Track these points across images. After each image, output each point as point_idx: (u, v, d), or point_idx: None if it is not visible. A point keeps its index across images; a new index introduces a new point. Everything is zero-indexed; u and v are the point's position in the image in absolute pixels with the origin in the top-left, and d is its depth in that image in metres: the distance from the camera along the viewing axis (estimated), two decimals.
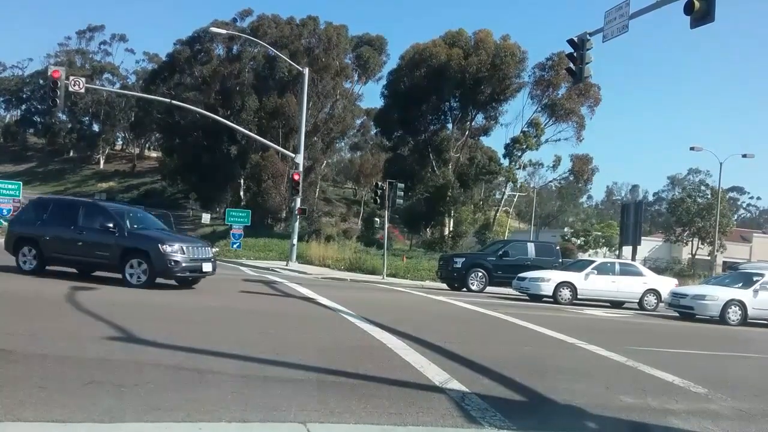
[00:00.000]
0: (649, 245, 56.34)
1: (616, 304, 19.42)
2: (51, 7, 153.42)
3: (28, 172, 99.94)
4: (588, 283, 18.70)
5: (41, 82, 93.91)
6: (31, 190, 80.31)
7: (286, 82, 59.30)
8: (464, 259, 22.11)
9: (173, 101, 34.68)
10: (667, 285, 19.44)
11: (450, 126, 53.92)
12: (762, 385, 7.97)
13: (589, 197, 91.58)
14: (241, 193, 64.93)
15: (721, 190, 47.59)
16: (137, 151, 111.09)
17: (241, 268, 24.58)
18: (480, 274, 21.07)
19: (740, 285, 16.89)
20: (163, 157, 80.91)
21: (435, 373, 6.44)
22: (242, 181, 64.61)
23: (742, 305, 16.15)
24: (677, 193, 68.09)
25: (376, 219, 55.17)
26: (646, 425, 5.33)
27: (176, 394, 4.94)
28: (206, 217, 61.12)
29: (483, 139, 57.20)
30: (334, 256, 29.23)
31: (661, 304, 18.83)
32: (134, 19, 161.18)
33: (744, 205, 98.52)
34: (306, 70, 29.55)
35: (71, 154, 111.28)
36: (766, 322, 16.52)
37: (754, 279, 16.93)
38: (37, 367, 5.44)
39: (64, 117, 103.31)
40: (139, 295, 11.43)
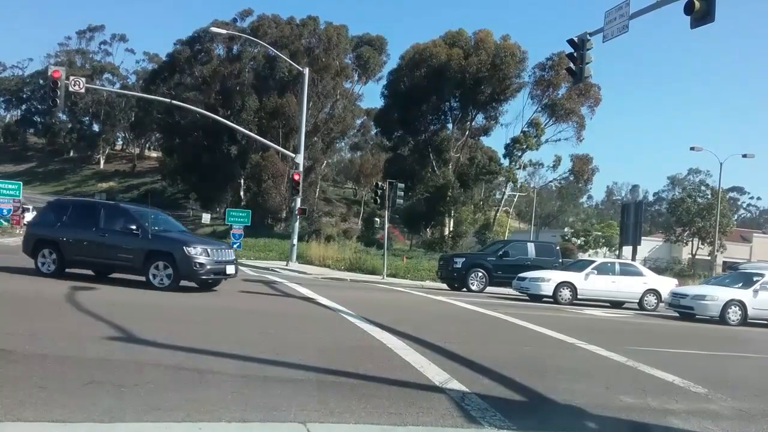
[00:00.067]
0: (649, 245, 56.34)
1: (616, 304, 19.41)
2: (51, 7, 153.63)
3: (28, 172, 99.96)
4: (588, 283, 18.70)
5: (41, 82, 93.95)
6: (31, 190, 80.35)
7: (286, 82, 59.33)
8: (464, 259, 22.11)
9: (173, 101, 34.68)
10: (667, 285, 19.43)
11: (450, 126, 53.95)
12: (762, 385, 7.97)
13: (589, 197, 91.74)
14: (241, 193, 64.95)
15: (721, 190, 47.60)
16: (137, 151, 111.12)
17: (241, 268, 24.48)
18: (480, 274, 21.07)
19: (740, 285, 16.88)
20: (163, 157, 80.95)
21: (435, 373, 6.44)
22: (242, 181, 64.64)
23: (742, 305, 16.14)
24: (677, 193, 68.08)
25: (376, 219, 55.17)
26: (646, 425, 5.33)
27: (176, 394, 4.94)
28: (206, 217, 61.17)
29: (483, 139, 57.33)
30: (334, 256, 29.22)
31: (661, 304, 18.82)
32: (134, 19, 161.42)
33: (744, 205, 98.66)
34: (306, 70, 29.54)
35: (71, 154, 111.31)
36: (766, 322, 16.51)
37: (754, 279, 16.92)
38: (37, 367, 5.44)
39: (64, 117, 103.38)
40: (139, 296, 11.45)
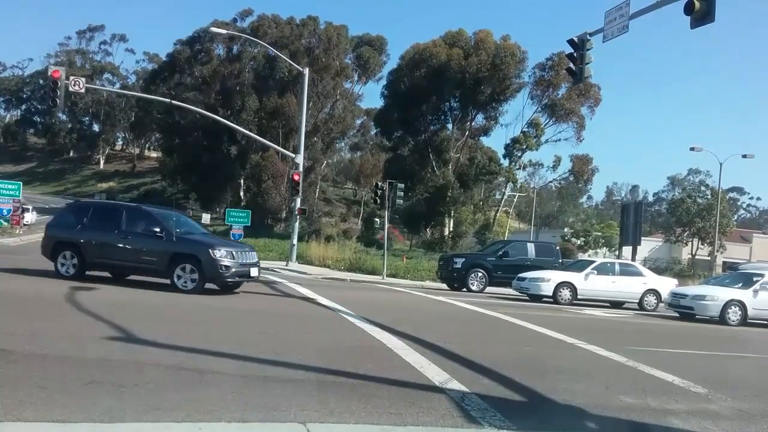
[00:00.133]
0: (649, 245, 56.30)
1: (616, 305, 19.40)
2: (51, 7, 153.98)
3: (28, 172, 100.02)
4: (588, 283, 18.69)
5: (41, 82, 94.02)
6: (31, 190, 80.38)
7: (286, 82, 59.36)
8: (464, 259, 22.11)
9: (173, 101, 34.68)
10: (667, 285, 19.42)
11: (450, 126, 53.98)
12: (762, 385, 7.97)
13: (589, 197, 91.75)
14: (241, 193, 64.98)
15: (721, 190, 47.56)
16: (137, 151, 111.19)
17: None
18: (480, 274, 21.07)
19: (740, 285, 16.87)
20: (163, 157, 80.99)
21: (435, 373, 6.43)
22: (242, 181, 64.66)
23: (742, 305, 16.13)
24: (677, 194, 68.03)
25: (376, 219, 55.19)
26: (646, 425, 5.33)
27: (176, 394, 4.94)
28: (206, 218, 61.04)
29: (483, 139, 57.39)
30: (334, 257, 29.22)
31: (661, 305, 18.81)
32: (134, 19, 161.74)
33: (744, 205, 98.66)
34: (306, 70, 29.53)
35: (71, 154, 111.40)
36: (766, 322, 16.52)
37: (754, 279, 16.91)
38: (37, 367, 5.44)
39: (64, 117, 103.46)
40: (140, 296, 11.45)
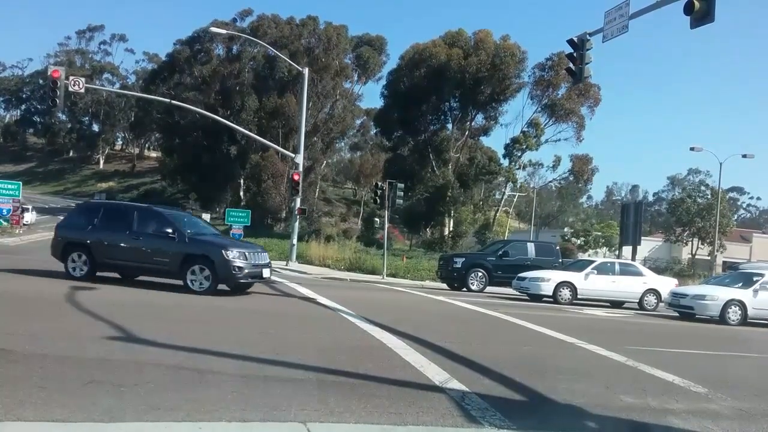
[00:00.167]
0: (649, 245, 56.32)
1: (616, 304, 19.41)
2: (51, 7, 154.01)
3: (28, 172, 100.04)
4: (588, 283, 18.69)
5: (41, 82, 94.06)
6: (31, 190, 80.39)
7: (286, 82, 59.34)
8: (464, 259, 22.11)
9: (173, 101, 34.69)
10: (667, 285, 19.42)
11: (450, 126, 53.98)
12: (762, 385, 7.97)
13: (589, 197, 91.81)
14: (241, 193, 64.96)
15: (721, 190, 47.57)
16: (137, 151, 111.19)
17: None
18: (480, 274, 21.07)
19: (740, 285, 16.87)
20: (163, 157, 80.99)
21: (435, 372, 6.44)
22: (242, 181, 64.64)
23: (742, 305, 16.13)
24: (677, 194, 68.04)
25: (376, 219, 55.17)
26: (646, 425, 5.33)
27: (176, 393, 4.94)
28: (206, 217, 60.89)
29: (483, 139, 57.40)
30: (334, 256, 29.22)
31: (661, 304, 18.81)
32: (134, 19, 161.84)
33: (744, 205, 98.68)
34: (306, 70, 29.53)
35: (71, 154, 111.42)
36: (766, 322, 16.51)
37: (754, 279, 16.91)
38: (37, 367, 5.44)
39: (63, 117, 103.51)
40: (139, 295, 11.45)
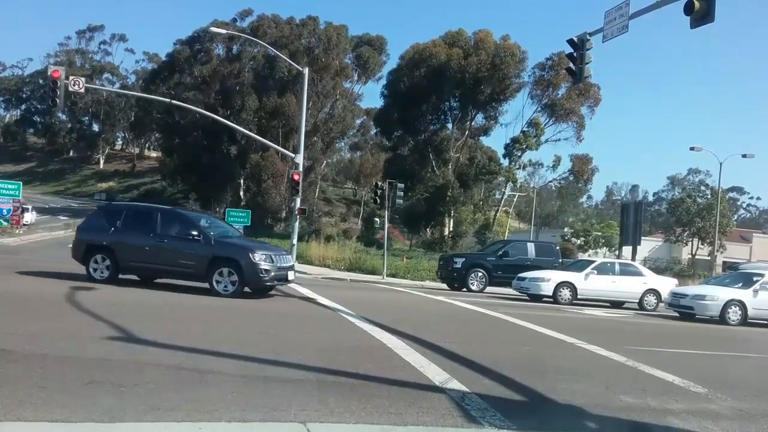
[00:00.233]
0: (649, 245, 56.30)
1: (616, 304, 19.40)
2: (51, 7, 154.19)
3: (28, 172, 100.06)
4: (588, 283, 18.69)
5: (41, 81, 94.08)
6: (31, 190, 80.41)
7: (286, 82, 59.36)
8: (464, 259, 22.12)
9: (173, 101, 34.63)
10: (667, 285, 19.42)
11: (450, 126, 54.00)
12: (762, 385, 7.97)
13: (589, 197, 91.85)
14: (241, 193, 64.96)
15: (721, 190, 47.53)
16: (137, 151, 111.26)
17: None
18: (480, 274, 21.07)
19: (740, 285, 16.87)
20: (163, 157, 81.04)
21: (435, 373, 6.44)
22: (242, 181, 64.64)
23: (742, 305, 16.13)
24: (677, 193, 68.03)
25: (376, 219, 55.17)
26: (646, 425, 5.33)
27: (176, 393, 4.93)
28: None
29: (483, 139, 57.43)
30: (334, 256, 29.23)
31: (661, 304, 18.81)
32: (134, 19, 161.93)
33: (744, 205, 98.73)
34: (306, 70, 29.48)
35: (71, 154, 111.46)
36: (766, 322, 16.51)
37: (754, 279, 16.91)
38: (37, 367, 5.44)
39: (64, 117, 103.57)
40: (139, 295, 11.45)
